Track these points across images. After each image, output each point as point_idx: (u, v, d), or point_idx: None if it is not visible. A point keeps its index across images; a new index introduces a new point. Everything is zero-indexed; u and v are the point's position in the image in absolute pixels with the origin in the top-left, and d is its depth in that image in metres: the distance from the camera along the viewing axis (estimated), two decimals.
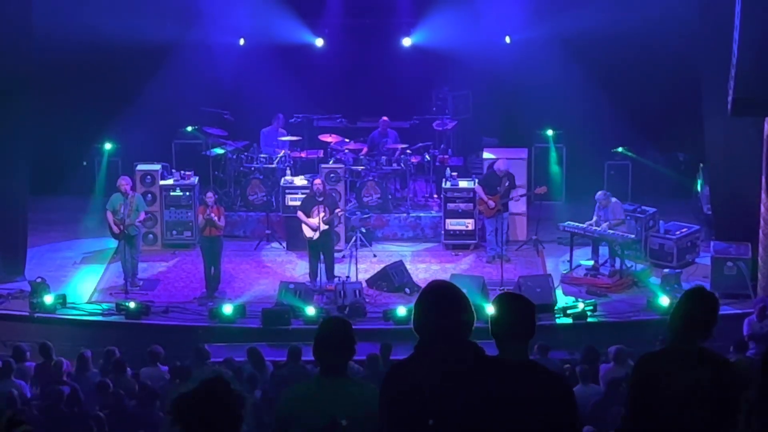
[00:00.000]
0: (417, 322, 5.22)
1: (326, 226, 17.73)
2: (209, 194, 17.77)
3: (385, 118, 21.19)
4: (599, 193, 18.40)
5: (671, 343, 5.97)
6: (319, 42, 22.30)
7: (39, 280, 17.22)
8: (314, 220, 17.69)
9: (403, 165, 20.47)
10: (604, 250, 18.35)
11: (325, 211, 17.71)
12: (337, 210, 18.01)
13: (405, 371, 5.21)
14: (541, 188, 19.27)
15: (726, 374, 5.77)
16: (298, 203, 18.87)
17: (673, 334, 5.93)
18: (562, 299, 17.18)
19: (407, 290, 17.68)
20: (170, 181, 19.89)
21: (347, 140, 20.91)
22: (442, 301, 5.17)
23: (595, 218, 18.26)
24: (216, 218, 17.47)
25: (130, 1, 19.96)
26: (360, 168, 20.36)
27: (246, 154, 20.64)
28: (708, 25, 17.03)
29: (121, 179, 17.97)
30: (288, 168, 20.25)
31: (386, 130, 21.15)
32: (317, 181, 18.18)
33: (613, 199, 18.31)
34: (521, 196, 19.11)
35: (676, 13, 18.61)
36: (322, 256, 17.88)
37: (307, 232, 17.83)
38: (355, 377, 5.95)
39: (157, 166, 19.96)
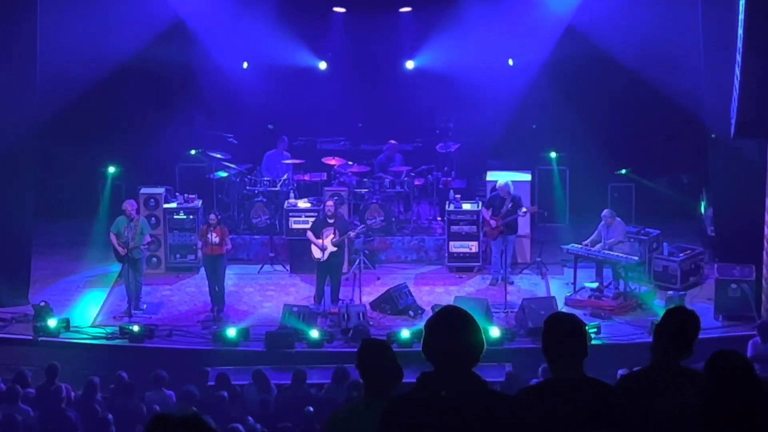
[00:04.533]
0: (428, 346, 5.19)
1: (335, 248, 17.71)
2: (212, 216, 17.87)
3: (392, 141, 21.23)
4: (606, 210, 18.44)
5: (653, 362, 6.03)
6: (323, 65, 22.35)
7: (43, 303, 17.21)
8: (321, 241, 17.66)
9: (406, 187, 20.50)
10: (608, 272, 18.34)
11: (335, 234, 17.70)
12: (348, 233, 17.97)
13: (408, 406, 5.15)
14: (533, 207, 19.32)
15: None
16: (301, 226, 18.89)
17: (656, 353, 6.00)
18: None
19: (411, 313, 17.66)
20: (174, 205, 19.91)
21: (351, 163, 20.93)
22: (454, 325, 5.15)
23: (594, 235, 18.27)
24: (217, 238, 17.53)
25: (135, 26, 19.99)
26: (364, 190, 20.38)
27: (249, 177, 20.66)
28: (711, 48, 17.07)
29: (126, 203, 18.00)
30: (291, 191, 20.27)
31: (393, 154, 21.18)
32: (329, 203, 18.15)
33: (618, 219, 18.34)
34: (523, 214, 19.01)
35: (680, 35, 18.63)
36: (328, 279, 17.88)
37: (316, 253, 17.81)
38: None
39: (161, 190, 20.01)
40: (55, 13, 18.06)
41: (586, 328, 5.53)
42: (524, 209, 18.92)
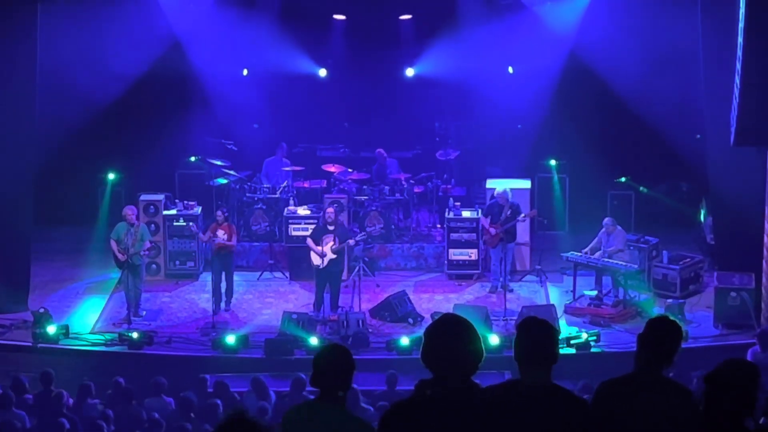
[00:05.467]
0: (426, 354, 5.20)
1: (334, 256, 17.70)
2: (219, 213, 18.11)
3: (379, 150, 21.25)
4: (607, 219, 18.44)
5: (634, 370, 6.02)
6: (323, 72, 22.37)
7: (42, 310, 17.21)
8: (321, 248, 17.66)
9: (406, 195, 20.49)
10: (607, 280, 18.33)
11: (334, 241, 17.68)
12: (348, 240, 17.95)
13: (405, 412, 5.16)
14: (532, 211, 19.32)
15: (687, 404, 5.80)
16: (301, 233, 18.88)
17: (638, 361, 5.99)
18: (565, 329, 17.14)
19: (410, 320, 17.66)
20: (173, 211, 19.91)
21: (350, 170, 20.93)
22: (453, 333, 5.16)
23: (594, 242, 18.25)
24: (226, 235, 17.82)
25: (134, 33, 20.02)
26: (363, 198, 20.38)
27: (249, 184, 20.67)
28: (710, 55, 17.09)
29: (126, 209, 18.01)
30: (291, 198, 20.27)
31: (384, 161, 21.19)
32: (329, 210, 18.15)
33: (618, 227, 18.34)
34: (522, 219, 18.96)
35: (679, 43, 18.66)
36: (328, 286, 17.88)
37: (315, 260, 17.80)
38: (352, 412, 5.89)
39: (161, 196, 20.00)
40: (56, 22, 18.11)
41: (559, 334, 5.49)
42: (523, 215, 18.89)
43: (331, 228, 17.81)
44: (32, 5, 17.34)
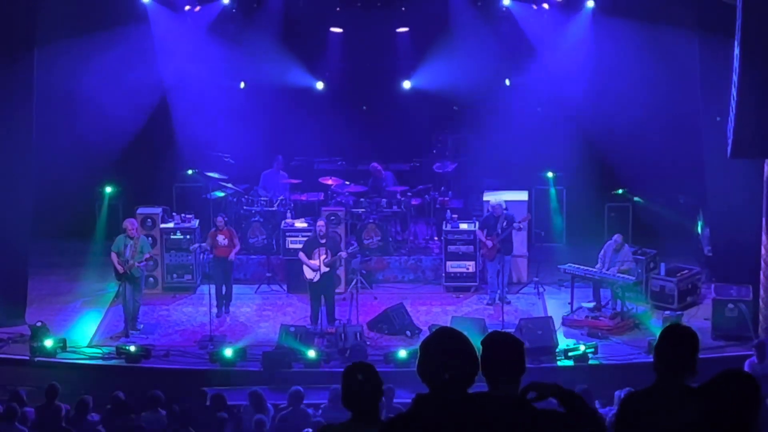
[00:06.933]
0: (423, 367, 5.19)
1: (327, 269, 17.72)
2: (219, 218, 18.29)
3: (374, 164, 21.25)
4: (617, 235, 18.37)
5: (656, 381, 5.99)
6: (320, 85, 22.38)
7: (39, 323, 17.19)
8: (315, 262, 17.69)
9: (403, 207, 20.49)
10: (605, 292, 18.33)
11: (326, 254, 17.70)
12: (339, 253, 17.98)
13: (403, 427, 5.15)
14: (525, 216, 19.31)
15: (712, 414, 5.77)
16: (298, 246, 18.87)
17: (657, 372, 5.96)
18: (563, 341, 17.14)
19: (408, 333, 17.65)
20: (171, 225, 19.90)
21: (347, 183, 20.94)
22: (449, 346, 5.15)
23: (606, 262, 18.20)
24: (226, 240, 18.17)
25: (131, 45, 20.04)
26: (360, 210, 20.38)
27: (246, 197, 20.67)
28: (707, 68, 17.12)
29: (127, 222, 18.02)
30: (288, 211, 20.27)
31: (380, 175, 21.18)
32: (320, 223, 18.20)
33: (626, 246, 18.35)
34: (518, 227, 18.93)
35: (676, 56, 18.68)
36: (323, 299, 17.87)
37: (308, 274, 17.82)
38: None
39: (158, 210, 19.99)
40: (53, 34, 18.14)
41: (524, 346, 5.47)
42: (518, 223, 18.84)
43: (322, 241, 17.82)
44: (30, 48, 17.42)
